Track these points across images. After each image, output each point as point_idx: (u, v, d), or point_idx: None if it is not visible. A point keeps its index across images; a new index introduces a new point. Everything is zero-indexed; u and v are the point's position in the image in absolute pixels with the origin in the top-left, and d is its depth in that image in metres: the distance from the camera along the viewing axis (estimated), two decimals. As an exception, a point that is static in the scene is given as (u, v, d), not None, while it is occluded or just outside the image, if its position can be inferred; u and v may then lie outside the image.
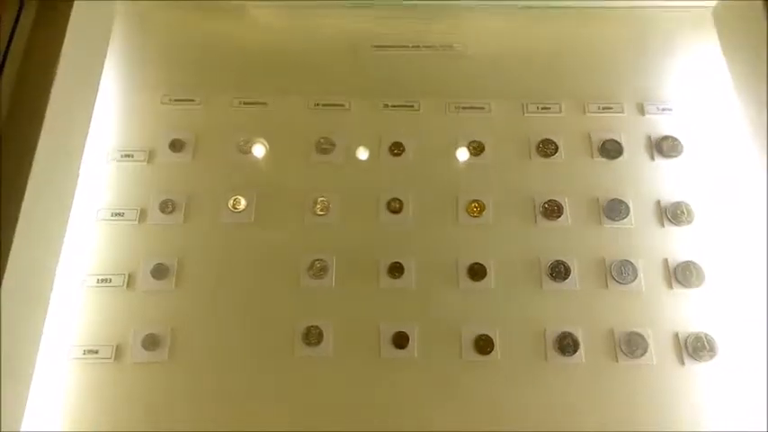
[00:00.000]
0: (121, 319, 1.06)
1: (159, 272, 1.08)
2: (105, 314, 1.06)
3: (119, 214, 1.12)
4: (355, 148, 1.19)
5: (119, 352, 1.03)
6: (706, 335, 1.03)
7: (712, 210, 1.12)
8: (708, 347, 1.02)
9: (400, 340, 1.04)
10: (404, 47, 1.28)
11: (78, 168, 1.12)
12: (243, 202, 1.14)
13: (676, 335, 1.04)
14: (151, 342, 1.04)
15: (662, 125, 1.20)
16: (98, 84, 1.20)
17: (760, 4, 1.17)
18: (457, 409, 1.00)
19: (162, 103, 1.22)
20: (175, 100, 1.22)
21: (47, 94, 1.03)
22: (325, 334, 1.04)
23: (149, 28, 1.30)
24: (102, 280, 1.08)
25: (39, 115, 1.02)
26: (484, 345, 1.03)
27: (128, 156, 1.17)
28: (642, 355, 1.02)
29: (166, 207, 1.13)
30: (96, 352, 1.03)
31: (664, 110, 1.21)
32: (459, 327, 1.05)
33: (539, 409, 1.00)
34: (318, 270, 1.09)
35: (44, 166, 1.00)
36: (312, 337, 1.04)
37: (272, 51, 1.28)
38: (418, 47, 1.29)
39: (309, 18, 1.31)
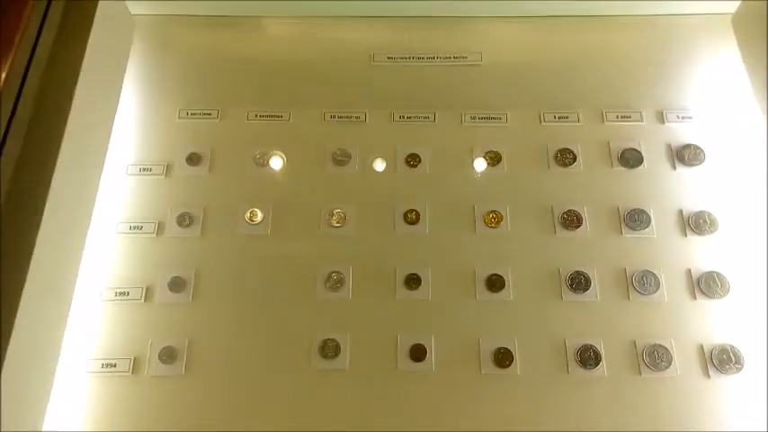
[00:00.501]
0: (139, 333, 1.06)
1: (176, 285, 1.09)
2: (123, 327, 1.07)
3: (137, 227, 1.13)
4: (371, 160, 1.19)
5: (136, 365, 1.03)
6: (732, 347, 1.01)
7: (736, 219, 1.10)
8: (734, 360, 1.00)
9: (417, 353, 1.03)
10: (419, 58, 1.29)
11: (98, 181, 1.14)
12: (259, 215, 1.14)
13: (701, 347, 1.01)
14: (168, 355, 1.04)
15: (682, 133, 1.18)
16: (118, 98, 1.22)
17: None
18: (475, 424, 0.99)
19: (179, 117, 1.23)
20: (192, 114, 1.23)
21: (67, 108, 1.04)
22: (342, 346, 1.04)
23: (167, 42, 1.31)
24: (121, 293, 1.08)
25: (59, 129, 1.03)
26: (503, 358, 1.02)
27: (146, 169, 1.18)
28: (666, 367, 1.00)
29: (184, 220, 1.13)
30: (114, 365, 1.03)
31: (684, 118, 1.20)
32: (477, 339, 1.04)
33: (560, 424, 0.98)
34: (335, 282, 1.08)
35: (64, 179, 1.01)
36: (329, 349, 1.04)
37: (286, 64, 1.29)
38: (433, 58, 1.29)
39: (324, 30, 1.32)
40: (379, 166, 1.19)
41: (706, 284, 1.05)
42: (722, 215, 1.10)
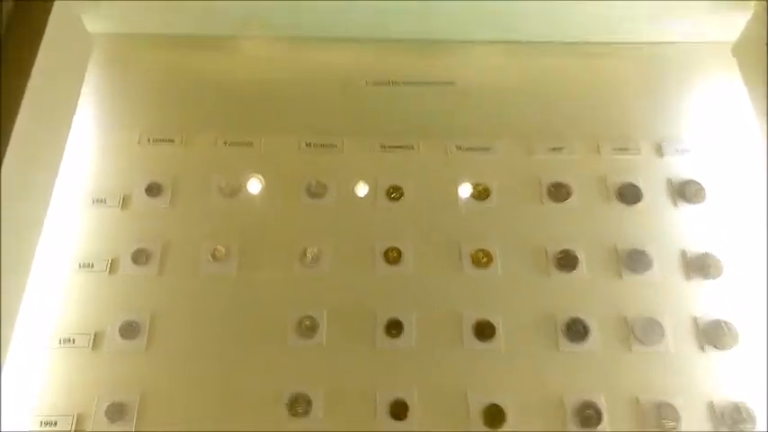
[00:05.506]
0: (88, 386, 0.96)
1: (129, 330, 1.00)
2: (69, 378, 0.97)
3: (87, 265, 1.05)
4: (349, 192, 1.12)
5: (80, 421, 0.93)
6: (743, 404, 0.93)
7: (742, 261, 1.04)
8: (746, 417, 0.92)
9: (398, 410, 0.93)
10: (401, 83, 1.23)
11: (44, 215, 1.05)
12: (224, 252, 1.06)
13: (711, 403, 0.93)
14: (117, 412, 0.93)
15: (682, 167, 1.13)
16: (70, 122, 1.14)
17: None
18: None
19: (139, 143, 1.16)
20: (154, 140, 1.17)
21: (8, 134, 0.94)
22: (314, 402, 0.94)
23: (127, 62, 1.25)
24: (66, 340, 0.99)
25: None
26: (494, 418, 0.93)
27: (100, 201, 1.11)
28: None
29: (140, 257, 1.05)
30: (55, 423, 0.93)
31: (683, 151, 1.15)
32: (464, 392, 0.95)
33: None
34: (307, 329, 1.00)
35: (6, 211, 0.91)
36: (300, 405, 0.94)
37: (258, 87, 1.23)
38: (416, 83, 1.23)
39: (299, 52, 1.27)
40: (362, 190, 1.12)
41: (714, 333, 0.97)
42: (727, 257, 1.04)
